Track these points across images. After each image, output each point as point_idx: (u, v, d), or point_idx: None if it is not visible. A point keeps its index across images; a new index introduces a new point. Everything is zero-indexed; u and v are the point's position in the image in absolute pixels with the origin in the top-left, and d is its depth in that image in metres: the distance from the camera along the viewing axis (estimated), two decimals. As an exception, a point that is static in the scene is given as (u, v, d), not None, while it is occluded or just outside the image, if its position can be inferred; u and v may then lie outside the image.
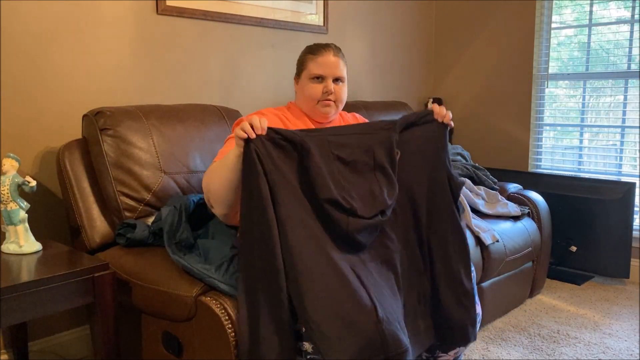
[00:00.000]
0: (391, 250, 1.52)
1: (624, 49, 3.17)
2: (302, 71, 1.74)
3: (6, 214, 1.68)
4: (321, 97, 1.69)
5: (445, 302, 1.55)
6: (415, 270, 1.57)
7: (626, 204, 2.93)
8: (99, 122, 1.90)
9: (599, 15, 3.24)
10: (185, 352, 1.58)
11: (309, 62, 1.71)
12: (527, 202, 2.79)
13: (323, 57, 1.70)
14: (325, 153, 1.47)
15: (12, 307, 1.42)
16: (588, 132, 3.40)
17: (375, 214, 1.48)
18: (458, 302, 1.55)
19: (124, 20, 2.24)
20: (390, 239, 1.53)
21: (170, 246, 1.65)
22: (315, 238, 1.41)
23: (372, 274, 1.45)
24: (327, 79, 1.70)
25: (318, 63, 1.70)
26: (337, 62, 1.71)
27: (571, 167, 3.45)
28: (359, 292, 1.35)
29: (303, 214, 1.42)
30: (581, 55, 3.35)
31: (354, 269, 1.41)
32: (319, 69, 1.69)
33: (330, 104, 1.71)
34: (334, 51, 1.72)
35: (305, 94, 1.71)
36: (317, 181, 1.43)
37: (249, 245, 1.39)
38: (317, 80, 1.70)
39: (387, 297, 1.42)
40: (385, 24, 3.47)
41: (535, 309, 2.71)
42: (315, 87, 1.70)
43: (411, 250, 1.57)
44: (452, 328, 1.55)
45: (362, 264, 1.45)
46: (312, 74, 1.70)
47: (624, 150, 3.24)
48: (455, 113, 3.83)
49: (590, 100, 3.36)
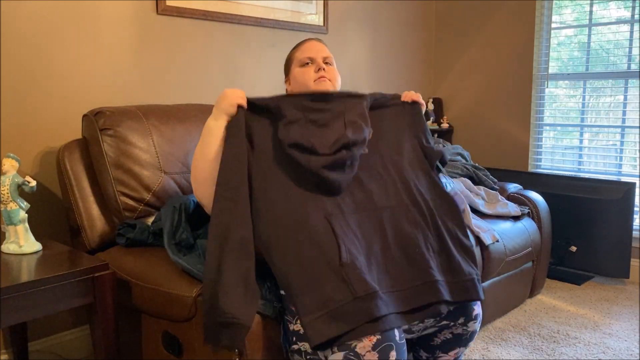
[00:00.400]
0: (377, 206, 1.55)
1: (624, 49, 3.17)
2: (291, 65, 1.76)
3: (6, 214, 1.68)
4: (315, 76, 1.69)
5: (453, 257, 1.56)
6: (419, 227, 1.58)
7: (626, 204, 2.93)
8: (99, 122, 1.90)
9: (599, 15, 3.24)
10: (185, 352, 1.58)
11: (294, 53, 1.76)
12: (527, 202, 2.79)
13: (306, 44, 1.75)
14: (298, 116, 1.54)
15: (12, 307, 1.42)
16: (588, 132, 3.40)
17: (337, 149, 1.51)
18: (462, 258, 1.57)
19: (124, 20, 2.24)
20: (375, 193, 1.57)
21: (170, 247, 1.65)
22: (286, 191, 1.48)
23: (350, 225, 1.47)
24: (316, 59, 1.71)
25: (303, 50, 1.74)
26: (321, 46, 1.75)
27: (571, 167, 3.45)
28: (323, 240, 1.40)
29: (279, 174, 1.51)
30: (581, 55, 3.35)
31: (329, 219, 1.45)
32: (305, 53, 1.72)
33: (325, 81, 1.70)
34: (316, 39, 1.78)
35: (299, 80, 1.72)
36: (286, 134, 1.51)
37: (222, 195, 1.44)
38: (307, 64, 1.72)
39: (358, 247, 1.44)
40: (385, 24, 3.47)
41: (535, 309, 2.71)
42: (307, 71, 1.71)
43: (406, 209, 1.59)
44: (464, 282, 1.55)
45: (341, 215, 1.48)
46: (300, 60, 1.72)
47: (624, 150, 3.24)
48: (455, 113, 3.83)
49: (590, 100, 3.36)
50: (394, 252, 1.50)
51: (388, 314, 1.35)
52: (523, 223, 2.66)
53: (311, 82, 1.68)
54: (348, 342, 1.30)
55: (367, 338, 1.30)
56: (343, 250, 1.39)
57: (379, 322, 1.32)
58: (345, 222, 1.47)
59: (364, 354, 1.29)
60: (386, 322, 1.33)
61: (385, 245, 1.50)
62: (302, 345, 1.38)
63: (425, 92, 3.87)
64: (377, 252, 1.48)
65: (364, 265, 1.41)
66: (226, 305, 1.31)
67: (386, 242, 1.51)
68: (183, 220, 1.73)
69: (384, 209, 1.55)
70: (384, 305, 1.35)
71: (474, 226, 2.35)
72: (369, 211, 1.53)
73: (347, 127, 1.56)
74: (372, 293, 1.35)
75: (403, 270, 1.49)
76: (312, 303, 1.34)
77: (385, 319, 1.34)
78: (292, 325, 1.41)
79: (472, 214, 2.43)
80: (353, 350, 1.29)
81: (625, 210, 2.94)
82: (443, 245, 1.57)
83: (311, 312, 1.33)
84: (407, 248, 1.52)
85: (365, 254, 1.45)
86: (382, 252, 1.49)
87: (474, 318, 1.63)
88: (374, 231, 1.51)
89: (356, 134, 1.56)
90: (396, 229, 1.54)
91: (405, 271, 1.49)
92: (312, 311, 1.33)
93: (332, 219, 1.46)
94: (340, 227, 1.44)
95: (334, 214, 1.47)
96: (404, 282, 1.47)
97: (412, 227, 1.56)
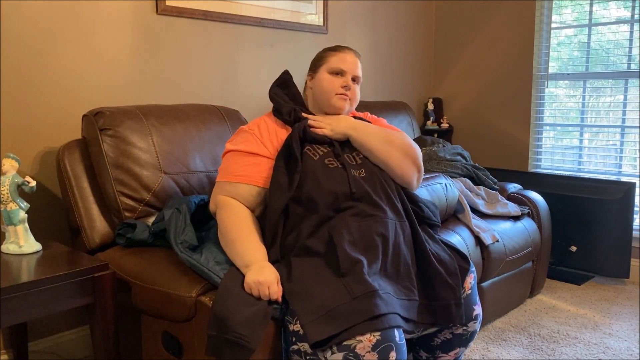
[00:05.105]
0: (380, 216, 1.56)
1: (624, 49, 3.17)
2: (321, 66, 1.74)
3: (6, 214, 1.67)
4: (339, 90, 1.70)
5: (431, 280, 1.57)
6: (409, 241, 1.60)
7: (626, 204, 2.93)
8: (99, 122, 1.90)
9: (599, 15, 3.24)
10: (185, 352, 1.57)
11: (330, 57, 1.73)
12: (527, 202, 2.79)
13: (344, 54, 1.73)
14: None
15: (12, 307, 1.42)
16: (588, 132, 3.40)
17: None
18: (443, 280, 1.57)
19: (123, 20, 2.24)
20: (378, 206, 1.58)
21: (178, 245, 1.64)
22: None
23: (352, 232, 1.50)
24: (347, 75, 1.71)
25: (340, 58, 1.72)
26: (357, 62, 1.75)
27: (571, 167, 3.45)
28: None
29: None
30: (581, 55, 3.35)
31: (331, 231, 1.50)
32: (340, 63, 1.71)
33: (346, 99, 1.72)
34: (355, 53, 1.76)
35: (323, 86, 1.71)
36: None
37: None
38: (337, 75, 1.71)
39: (360, 252, 1.47)
40: (385, 24, 3.47)
41: (535, 309, 2.71)
42: (335, 80, 1.70)
43: (404, 222, 1.61)
44: (439, 307, 1.57)
45: (345, 223, 1.51)
46: (333, 67, 1.71)
47: (624, 150, 3.24)
48: (455, 113, 3.83)
49: (590, 100, 3.36)
50: (390, 264, 1.53)
51: (387, 313, 1.35)
52: (523, 223, 2.65)
53: (333, 94, 1.70)
54: (347, 341, 1.30)
55: (367, 339, 1.30)
56: (342, 258, 1.42)
57: (378, 321, 1.32)
58: (346, 228, 1.50)
59: (364, 354, 1.29)
60: (385, 320, 1.33)
61: (372, 248, 1.52)
62: (302, 346, 1.38)
63: (425, 92, 3.87)
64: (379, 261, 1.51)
65: (366, 268, 1.43)
66: (236, 324, 1.33)
67: (386, 252, 1.53)
68: (188, 222, 1.72)
69: (385, 218, 1.57)
70: (383, 305, 1.36)
71: (474, 226, 2.35)
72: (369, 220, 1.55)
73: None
74: (371, 292, 1.35)
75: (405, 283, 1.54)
76: (312, 306, 1.35)
77: (385, 318, 1.34)
78: (291, 325, 1.41)
79: (472, 214, 2.43)
80: (353, 350, 1.29)
81: (625, 210, 2.93)
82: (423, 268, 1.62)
83: (311, 314, 1.34)
84: (402, 264, 1.55)
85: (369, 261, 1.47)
86: (383, 262, 1.52)
87: (474, 318, 1.63)
88: (373, 242, 1.52)
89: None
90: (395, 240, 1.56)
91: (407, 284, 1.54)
92: (312, 313, 1.34)
93: (333, 232, 1.48)
94: (340, 234, 1.48)
95: (339, 223, 1.51)
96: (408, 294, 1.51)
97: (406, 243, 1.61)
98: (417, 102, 3.82)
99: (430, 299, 1.55)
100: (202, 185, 2.02)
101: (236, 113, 2.31)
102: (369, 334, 1.30)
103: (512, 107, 3.54)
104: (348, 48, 1.76)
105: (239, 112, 2.35)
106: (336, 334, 1.31)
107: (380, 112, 3.13)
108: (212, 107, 2.25)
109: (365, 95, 3.39)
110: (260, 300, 1.39)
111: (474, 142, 3.72)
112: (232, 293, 1.39)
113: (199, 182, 2.01)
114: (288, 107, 1.70)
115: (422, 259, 1.59)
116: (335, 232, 1.48)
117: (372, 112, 3.05)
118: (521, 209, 2.70)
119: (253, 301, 1.38)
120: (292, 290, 1.42)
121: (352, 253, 1.44)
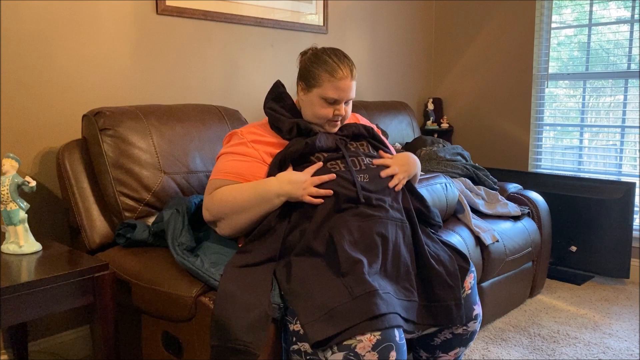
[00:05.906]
0: (381, 216, 1.57)
1: (624, 49, 3.17)
2: (315, 87, 1.65)
3: (6, 214, 1.67)
4: (330, 117, 1.69)
5: (431, 280, 1.58)
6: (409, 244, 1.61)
7: (626, 204, 2.93)
8: (99, 122, 1.90)
9: (599, 15, 3.24)
10: (185, 352, 1.57)
11: (326, 82, 1.63)
12: (527, 202, 2.79)
13: (341, 82, 1.63)
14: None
15: (12, 307, 1.42)
16: (588, 132, 3.40)
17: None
18: (443, 281, 1.57)
19: (123, 20, 2.24)
20: (380, 207, 1.59)
21: (175, 248, 1.64)
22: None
23: (353, 232, 1.51)
24: (341, 103, 1.67)
25: (336, 87, 1.63)
26: (352, 86, 1.67)
27: (571, 167, 3.45)
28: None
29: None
30: (581, 55, 3.35)
31: (331, 232, 1.51)
32: (335, 93, 1.64)
33: (337, 124, 1.73)
34: (351, 74, 1.65)
35: (314, 112, 1.68)
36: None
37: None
38: (330, 103, 1.67)
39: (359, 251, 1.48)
40: (385, 24, 3.47)
41: (535, 309, 2.71)
42: (327, 110, 1.67)
43: (404, 222, 1.63)
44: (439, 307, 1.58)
45: (345, 223, 1.52)
46: (328, 97, 1.64)
47: (624, 150, 3.24)
48: (455, 113, 3.83)
49: (590, 100, 3.36)
50: (390, 265, 1.54)
51: (388, 312, 1.35)
52: (523, 223, 2.65)
53: (325, 121, 1.70)
54: (348, 340, 1.30)
55: (367, 338, 1.30)
56: (343, 259, 1.43)
57: (379, 320, 1.33)
58: (347, 228, 1.51)
59: (364, 354, 1.29)
60: (386, 320, 1.34)
61: (371, 248, 1.52)
62: (302, 346, 1.38)
63: (425, 92, 3.87)
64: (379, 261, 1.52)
65: (367, 268, 1.44)
66: (239, 331, 1.34)
67: (386, 252, 1.53)
68: (186, 224, 1.72)
69: (387, 218, 1.58)
70: (383, 305, 1.36)
71: (474, 226, 2.35)
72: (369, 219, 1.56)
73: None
74: (371, 292, 1.36)
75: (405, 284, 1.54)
76: (312, 305, 1.36)
77: (385, 318, 1.34)
78: (292, 325, 1.41)
79: (472, 214, 2.43)
80: (353, 350, 1.29)
81: (625, 210, 2.93)
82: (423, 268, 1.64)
83: (311, 313, 1.35)
84: (402, 265, 1.56)
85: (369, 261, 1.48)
86: (383, 263, 1.52)
87: (474, 318, 1.63)
88: (372, 241, 1.53)
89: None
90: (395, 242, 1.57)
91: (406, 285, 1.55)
92: (312, 312, 1.35)
93: (334, 232, 1.50)
94: (342, 235, 1.49)
95: (340, 223, 1.52)
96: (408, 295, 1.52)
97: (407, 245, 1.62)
98: (417, 102, 3.82)
99: (430, 300, 1.55)
100: (202, 185, 2.02)
101: (236, 113, 2.31)
102: (369, 333, 1.31)
103: (512, 107, 3.54)
104: (346, 68, 1.64)
105: (239, 112, 2.35)
106: (336, 334, 1.31)
107: (380, 112, 3.14)
108: (212, 107, 2.25)
109: (365, 95, 3.40)
110: (260, 302, 1.39)
111: (474, 142, 3.72)
112: (231, 299, 1.39)
113: (199, 182, 2.01)
114: (289, 124, 1.68)
115: (421, 260, 1.59)
116: (335, 232, 1.49)
117: (372, 112, 3.06)
118: (521, 209, 2.70)
119: (253, 305, 1.38)
120: (292, 290, 1.42)
121: (352, 253, 1.45)
